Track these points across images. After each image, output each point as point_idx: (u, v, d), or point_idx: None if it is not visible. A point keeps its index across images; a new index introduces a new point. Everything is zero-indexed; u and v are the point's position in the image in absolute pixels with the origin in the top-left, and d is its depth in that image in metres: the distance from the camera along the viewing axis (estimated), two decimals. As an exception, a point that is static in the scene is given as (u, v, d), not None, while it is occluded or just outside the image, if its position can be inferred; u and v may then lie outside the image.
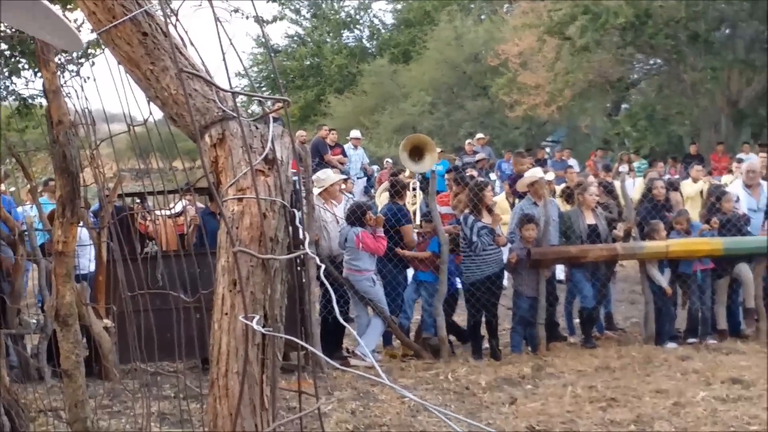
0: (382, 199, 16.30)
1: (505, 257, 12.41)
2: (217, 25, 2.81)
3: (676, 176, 21.10)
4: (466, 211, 12.24)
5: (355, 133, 24.69)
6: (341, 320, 3.33)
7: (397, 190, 12.86)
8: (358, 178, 22.77)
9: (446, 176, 15.57)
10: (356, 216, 11.95)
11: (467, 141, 28.88)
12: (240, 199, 2.93)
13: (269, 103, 3.85)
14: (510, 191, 16.42)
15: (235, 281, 2.80)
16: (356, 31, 55.63)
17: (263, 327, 2.77)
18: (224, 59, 2.92)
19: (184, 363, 10.11)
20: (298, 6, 54.95)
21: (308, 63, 53.53)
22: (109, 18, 3.10)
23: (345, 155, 22.62)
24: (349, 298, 12.25)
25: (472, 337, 12.34)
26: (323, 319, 11.96)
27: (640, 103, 36.87)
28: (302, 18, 55.56)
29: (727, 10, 32.25)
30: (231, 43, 3.07)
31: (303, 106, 50.32)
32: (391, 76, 44.96)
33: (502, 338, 12.56)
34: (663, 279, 12.52)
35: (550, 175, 16.92)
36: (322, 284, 11.76)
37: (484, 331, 12.33)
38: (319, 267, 3.46)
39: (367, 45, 55.14)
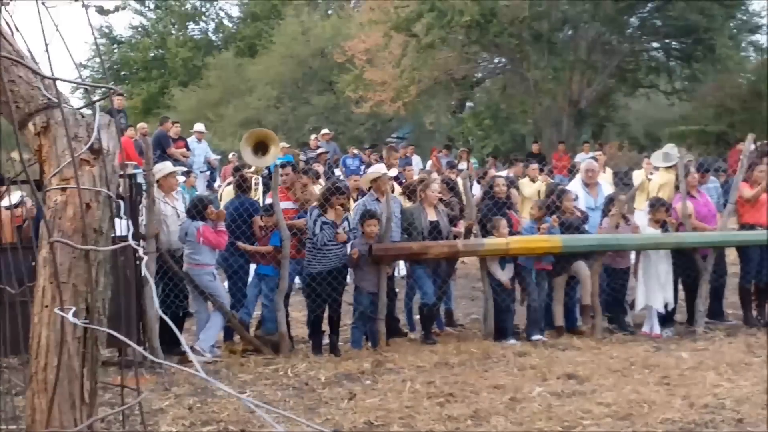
0: (226, 193, 16.17)
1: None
2: (39, 11, 2.72)
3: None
4: (315, 204, 12.22)
5: (199, 126, 24.42)
6: (163, 318, 3.25)
7: (240, 184, 12.79)
8: (201, 171, 22.53)
9: (281, 171, 15.47)
10: (197, 210, 11.81)
11: (312, 136, 28.87)
12: (64, 189, 2.83)
13: (100, 91, 3.75)
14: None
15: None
16: (202, 24, 55.26)
17: (85, 320, 2.68)
18: (46, 47, 2.82)
19: (18, 358, 9.82)
20: (143, -4, 54.28)
21: (152, 55, 53.00)
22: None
23: (188, 149, 22.36)
24: (189, 292, 12.11)
25: (313, 332, 12.30)
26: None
27: (484, 102, 37.42)
28: (147, 9, 54.93)
29: (569, 12, 32.90)
30: (57, 30, 2.97)
31: (146, 98, 49.78)
32: (237, 70, 44.74)
33: (342, 334, 12.56)
34: (503, 275, 12.66)
35: (393, 172, 16.96)
36: (161, 278, 11.62)
37: (325, 326, 12.31)
38: (140, 260, 3.38)
39: (213, 38, 54.79)
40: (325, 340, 12.26)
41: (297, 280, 13.54)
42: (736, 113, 34.11)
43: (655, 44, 34.98)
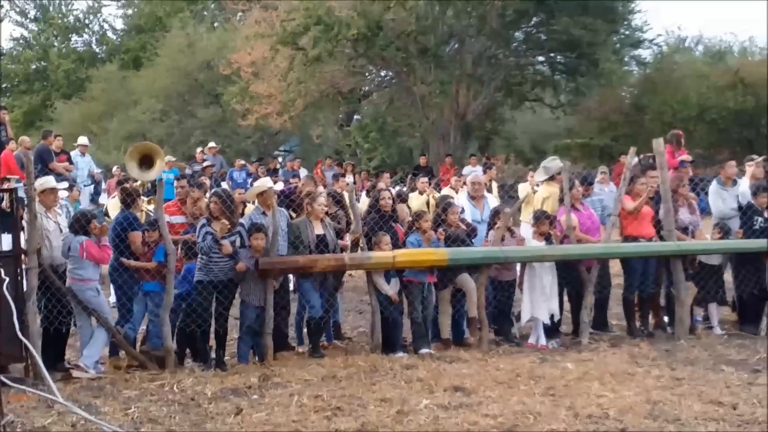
0: (111, 206, 15.95)
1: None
2: None
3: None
4: (205, 216, 12.10)
5: (82, 139, 24.02)
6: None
7: (125, 198, 12.60)
8: (85, 185, 22.16)
9: (176, 183, 15.28)
10: (81, 224, 11.61)
11: (198, 149, 28.68)
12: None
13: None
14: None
15: None
16: (85, 36, 54.46)
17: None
18: None
19: None
20: (24, 7, 53.31)
21: (34, 67, 52.15)
22: None
23: (71, 162, 21.97)
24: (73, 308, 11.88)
25: (200, 346, 12.15)
26: (44, 330, 11.55)
27: (371, 115, 37.48)
28: (28, 20, 53.95)
29: (455, 26, 33.20)
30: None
31: (27, 111, 48.94)
32: (121, 83, 44.29)
33: (229, 348, 12.44)
34: (390, 288, 12.65)
35: (279, 185, 16.89)
36: (44, 293, 11.39)
37: (212, 341, 12.19)
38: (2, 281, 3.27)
39: (97, 50, 54.01)
40: (212, 354, 12.14)
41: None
42: (619, 126, 34.73)
43: (540, 58, 35.46)
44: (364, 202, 16.82)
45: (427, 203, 16.94)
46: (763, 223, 14.44)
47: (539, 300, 13.31)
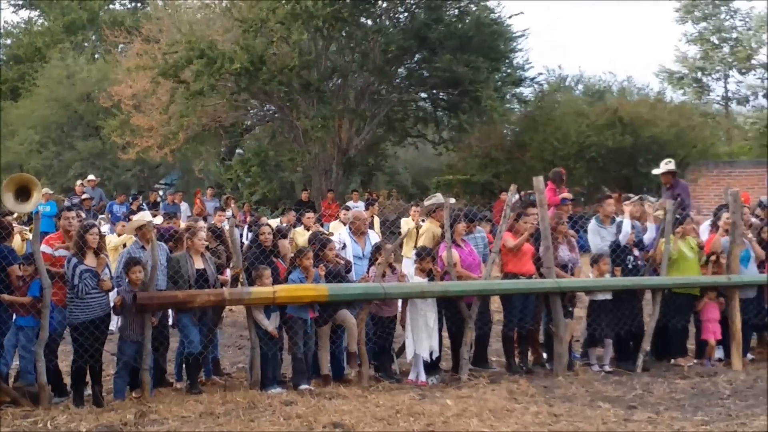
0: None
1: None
2: None
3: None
4: (71, 253, 11.83)
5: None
6: None
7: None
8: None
9: (65, 215, 14.94)
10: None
11: (78, 182, 28.27)
12: None
13: None
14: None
15: None
16: (-39, 65, 53.36)
17: None
18: None
19: None
20: None
21: None
22: None
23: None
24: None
25: (74, 383, 11.91)
26: None
27: (253, 149, 37.32)
28: None
29: (338, 61, 33.29)
30: None
31: None
32: (-2, 113, 43.37)
33: (106, 384, 12.21)
34: (269, 324, 12.55)
35: (158, 219, 16.67)
36: None
37: (88, 377, 11.94)
38: None
39: (-27, 80, 52.98)
40: (87, 391, 11.90)
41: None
42: (501, 163, 35.04)
43: (423, 95, 35.65)
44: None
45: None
46: (634, 261, 14.69)
47: (422, 336, 13.34)
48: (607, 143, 31.56)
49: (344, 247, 14.27)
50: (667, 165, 18.59)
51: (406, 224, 19.33)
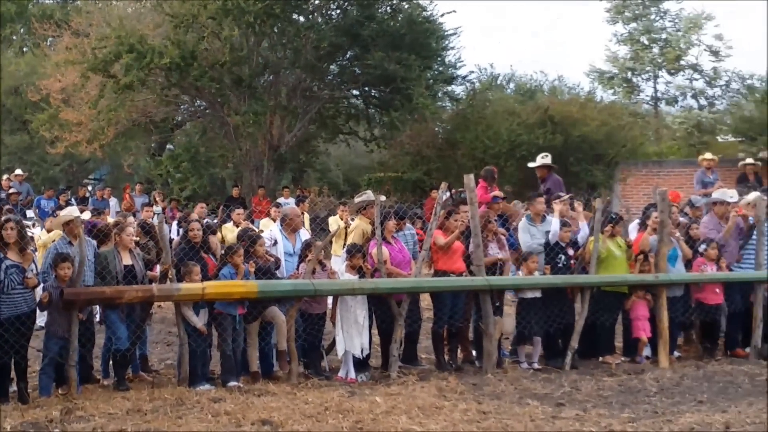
0: None
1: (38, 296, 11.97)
2: None
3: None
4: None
5: None
6: None
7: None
8: None
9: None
10: None
11: (4, 176, 27.93)
12: None
13: None
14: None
15: None
16: None
17: None
18: None
19: None
20: None
21: None
22: None
23: None
24: None
25: (-1, 380, 11.77)
26: None
27: (183, 145, 37.05)
28: None
29: (270, 57, 33.13)
30: None
31: None
32: None
33: (31, 380, 12.07)
34: (198, 320, 12.48)
35: (87, 215, 16.52)
36: None
37: (13, 373, 11.80)
38: None
39: None
40: (12, 387, 11.76)
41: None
42: (432, 161, 34.99)
43: (354, 92, 35.59)
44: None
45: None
46: (566, 260, 14.79)
47: (352, 333, 13.34)
48: (538, 142, 31.56)
49: (275, 243, 14.21)
50: (543, 159, 19.03)
51: (335, 222, 19.35)
